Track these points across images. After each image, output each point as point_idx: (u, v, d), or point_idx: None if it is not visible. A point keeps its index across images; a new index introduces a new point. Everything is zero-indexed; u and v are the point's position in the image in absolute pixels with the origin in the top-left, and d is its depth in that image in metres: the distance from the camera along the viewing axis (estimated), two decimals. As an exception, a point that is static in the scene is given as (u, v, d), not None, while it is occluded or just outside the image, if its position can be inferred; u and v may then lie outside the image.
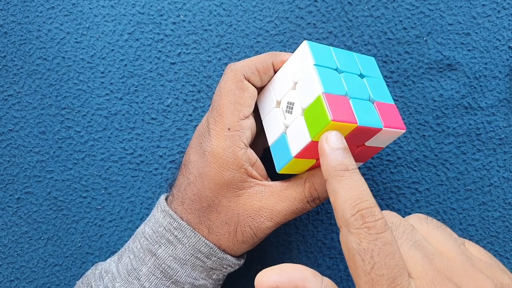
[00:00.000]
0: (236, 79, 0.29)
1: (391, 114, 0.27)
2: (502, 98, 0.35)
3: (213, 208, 0.29)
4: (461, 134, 0.35)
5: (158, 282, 0.29)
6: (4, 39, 0.38)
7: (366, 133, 0.26)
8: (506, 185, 0.35)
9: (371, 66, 0.30)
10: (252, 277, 0.37)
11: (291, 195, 0.28)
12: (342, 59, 0.28)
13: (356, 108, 0.26)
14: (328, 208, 0.36)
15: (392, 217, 0.24)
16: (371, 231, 0.21)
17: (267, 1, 0.37)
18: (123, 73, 0.38)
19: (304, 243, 0.36)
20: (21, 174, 0.38)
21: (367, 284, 0.20)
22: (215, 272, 0.30)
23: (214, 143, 0.28)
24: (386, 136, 0.27)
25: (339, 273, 0.36)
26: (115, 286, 0.29)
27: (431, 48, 0.36)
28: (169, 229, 0.29)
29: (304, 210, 0.29)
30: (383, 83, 0.29)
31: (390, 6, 0.36)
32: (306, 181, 0.29)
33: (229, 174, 0.28)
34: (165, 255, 0.29)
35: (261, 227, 0.29)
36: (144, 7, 0.37)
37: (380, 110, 0.27)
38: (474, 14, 0.35)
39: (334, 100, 0.25)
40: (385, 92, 0.28)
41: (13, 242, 0.38)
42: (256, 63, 0.29)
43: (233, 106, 0.28)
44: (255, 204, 0.28)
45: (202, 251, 0.29)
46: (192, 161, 0.29)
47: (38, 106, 0.38)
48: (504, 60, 0.35)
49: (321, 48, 0.28)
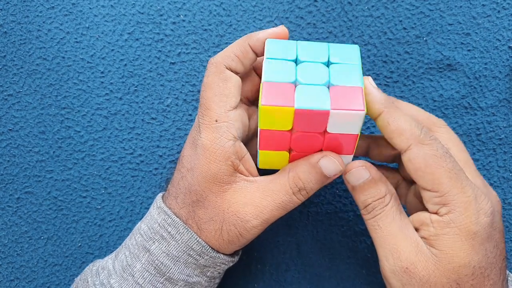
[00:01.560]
0: (218, 71, 0.29)
1: (349, 96, 0.26)
2: (502, 98, 0.35)
3: (201, 203, 0.28)
4: (461, 134, 0.35)
5: (152, 279, 0.29)
6: (4, 39, 0.38)
7: (314, 117, 0.26)
8: (506, 185, 0.35)
9: (348, 53, 0.29)
10: (252, 277, 0.37)
11: (275, 188, 0.28)
12: (306, 51, 0.29)
13: (300, 93, 0.26)
14: (328, 208, 0.36)
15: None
16: (437, 141, 0.26)
17: (267, 1, 0.37)
18: (123, 73, 0.38)
19: (304, 243, 0.36)
20: (21, 174, 0.38)
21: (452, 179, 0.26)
22: (209, 269, 0.29)
23: (203, 135, 0.28)
24: (344, 120, 0.26)
25: (339, 273, 0.36)
26: (110, 282, 0.29)
27: (431, 48, 0.36)
28: (163, 225, 0.29)
29: (291, 203, 0.28)
30: (357, 68, 0.28)
31: (390, 6, 0.36)
32: (290, 171, 0.28)
33: (215, 166, 0.28)
34: (159, 251, 0.29)
35: (246, 227, 0.28)
36: (144, 7, 0.37)
37: (334, 94, 0.26)
38: (474, 14, 0.35)
39: (273, 87, 0.26)
40: (355, 77, 0.27)
41: (13, 241, 0.38)
42: (234, 50, 0.29)
43: (218, 98, 0.28)
44: (240, 200, 0.28)
45: (194, 248, 0.28)
46: (186, 156, 0.30)
47: (38, 106, 0.38)
48: (504, 60, 0.35)
49: (282, 44, 0.29)
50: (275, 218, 0.28)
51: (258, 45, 0.29)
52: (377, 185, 0.28)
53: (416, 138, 0.26)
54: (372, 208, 0.28)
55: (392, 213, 0.27)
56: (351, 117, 0.26)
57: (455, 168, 0.26)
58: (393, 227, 0.27)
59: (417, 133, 0.26)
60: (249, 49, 0.30)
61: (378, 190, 0.28)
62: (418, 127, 0.26)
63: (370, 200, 0.28)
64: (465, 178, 0.26)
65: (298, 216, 0.36)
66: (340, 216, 0.36)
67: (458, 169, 0.26)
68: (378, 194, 0.28)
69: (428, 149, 0.26)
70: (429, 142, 0.26)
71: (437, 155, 0.26)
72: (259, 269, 0.37)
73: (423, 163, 0.26)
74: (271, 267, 0.37)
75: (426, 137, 0.26)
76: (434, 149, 0.26)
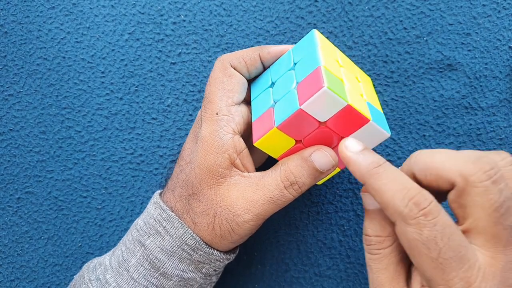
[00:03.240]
0: (223, 67, 0.29)
1: (311, 83, 0.26)
2: (503, 98, 0.35)
3: (196, 196, 0.28)
4: (462, 134, 0.35)
5: (147, 273, 0.29)
6: (4, 39, 0.38)
7: (297, 121, 0.26)
8: (506, 185, 0.35)
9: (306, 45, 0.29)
10: (252, 277, 0.37)
11: (267, 182, 0.28)
12: (275, 70, 0.30)
13: (277, 110, 0.27)
14: (328, 208, 0.36)
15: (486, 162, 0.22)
16: (429, 217, 0.21)
17: (267, 1, 0.37)
18: (124, 73, 0.38)
19: (304, 243, 0.36)
20: (22, 174, 0.38)
21: (437, 269, 0.21)
22: (204, 266, 0.29)
23: (203, 128, 0.28)
24: (320, 105, 0.25)
25: (339, 273, 0.36)
26: (106, 277, 0.29)
27: (432, 48, 0.36)
28: (158, 220, 0.29)
29: (283, 197, 0.28)
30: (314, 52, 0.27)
31: (391, 6, 0.36)
32: (282, 165, 0.28)
33: (212, 158, 0.28)
34: (153, 246, 0.29)
35: (238, 221, 0.28)
36: (144, 7, 0.38)
37: (301, 89, 0.26)
38: (475, 14, 0.35)
39: (259, 122, 0.28)
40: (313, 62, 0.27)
41: (14, 242, 0.38)
42: (244, 55, 0.30)
43: (221, 92, 0.29)
44: (232, 194, 0.28)
45: (188, 243, 0.28)
46: (186, 149, 0.30)
47: (39, 106, 0.38)
48: (504, 60, 0.35)
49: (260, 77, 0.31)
50: (266, 213, 0.28)
51: (268, 58, 0.30)
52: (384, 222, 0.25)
53: (399, 215, 0.22)
54: (369, 243, 0.25)
55: (387, 260, 0.24)
56: (322, 99, 0.25)
57: (442, 257, 0.21)
58: (383, 277, 0.24)
59: (400, 209, 0.22)
60: (258, 59, 0.30)
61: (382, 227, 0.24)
62: (403, 202, 0.22)
63: (370, 232, 0.25)
64: (457, 268, 0.21)
65: (299, 216, 0.36)
66: (341, 216, 0.36)
67: (448, 257, 0.21)
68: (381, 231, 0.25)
69: (411, 230, 0.21)
70: (413, 222, 0.21)
71: (420, 240, 0.21)
72: (259, 269, 0.37)
73: (406, 244, 0.22)
74: (271, 267, 0.37)
75: (411, 215, 0.21)
76: (418, 231, 0.21)
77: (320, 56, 0.27)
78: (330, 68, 0.26)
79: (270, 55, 0.30)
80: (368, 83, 0.32)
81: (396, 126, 0.36)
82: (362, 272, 0.36)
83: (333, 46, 0.30)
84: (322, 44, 0.28)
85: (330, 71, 0.26)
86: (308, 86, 0.26)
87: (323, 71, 0.25)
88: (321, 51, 0.27)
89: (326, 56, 0.27)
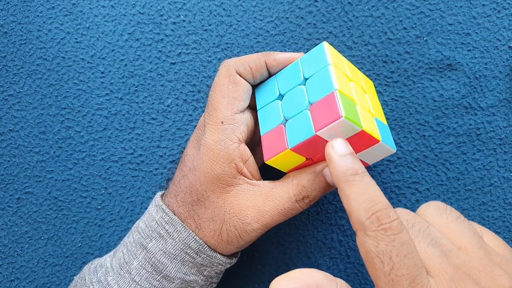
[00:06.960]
0: (228, 74, 0.29)
1: (327, 108, 0.26)
2: (503, 98, 0.35)
3: (202, 202, 0.29)
4: (461, 134, 0.35)
5: (149, 276, 0.29)
6: (4, 39, 0.38)
7: (311, 144, 0.26)
8: (506, 185, 0.35)
9: (317, 59, 0.28)
10: (252, 277, 0.37)
11: (279, 194, 0.28)
12: (283, 81, 0.29)
13: (290, 130, 0.27)
14: (328, 208, 0.36)
15: (406, 214, 0.24)
16: (388, 233, 0.21)
17: (267, 1, 0.37)
18: (123, 73, 0.38)
19: (304, 243, 0.36)
20: (21, 174, 0.38)
21: (387, 285, 0.21)
22: (206, 268, 0.29)
23: (207, 136, 0.28)
24: (335, 131, 0.26)
25: (339, 273, 0.36)
26: (107, 280, 0.29)
27: (431, 48, 0.36)
28: (160, 223, 0.29)
29: (293, 210, 0.28)
30: (326, 71, 0.27)
31: (390, 6, 0.36)
32: (294, 179, 0.28)
33: (219, 167, 0.28)
34: (155, 249, 0.29)
35: (247, 229, 0.28)
36: (144, 7, 0.37)
37: (315, 113, 0.26)
38: (474, 14, 0.35)
39: (269, 138, 0.28)
40: (326, 83, 0.27)
41: (13, 242, 0.38)
42: (249, 61, 0.30)
43: (226, 100, 0.29)
44: (241, 202, 0.28)
45: (191, 246, 0.28)
46: (189, 155, 0.30)
47: (38, 106, 0.38)
48: (504, 60, 0.35)
49: (266, 85, 0.30)
50: (275, 223, 0.28)
51: (274, 65, 0.30)
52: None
53: (360, 225, 0.22)
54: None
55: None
56: (338, 127, 0.26)
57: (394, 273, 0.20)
58: None
59: (361, 219, 0.22)
60: (264, 65, 0.30)
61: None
62: (366, 213, 0.22)
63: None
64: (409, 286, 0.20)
65: (298, 215, 0.36)
66: (340, 216, 0.36)
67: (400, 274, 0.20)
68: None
69: (368, 242, 0.21)
70: (371, 234, 0.21)
71: (375, 252, 0.21)
72: (259, 269, 0.37)
73: (364, 256, 0.22)
74: (271, 267, 0.37)
75: (371, 227, 0.21)
76: (375, 243, 0.21)
77: (334, 77, 0.27)
78: (344, 90, 0.27)
79: (277, 63, 0.30)
80: (371, 89, 0.32)
81: (396, 126, 0.36)
82: (362, 272, 0.36)
83: (341, 57, 0.30)
84: (334, 61, 0.28)
85: (344, 94, 0.26)
86: (324, 111, 0.26)
87: (339, 97, 0.25)
88: (334, 70, 0.27)
89: (339, 76, 0.27)
